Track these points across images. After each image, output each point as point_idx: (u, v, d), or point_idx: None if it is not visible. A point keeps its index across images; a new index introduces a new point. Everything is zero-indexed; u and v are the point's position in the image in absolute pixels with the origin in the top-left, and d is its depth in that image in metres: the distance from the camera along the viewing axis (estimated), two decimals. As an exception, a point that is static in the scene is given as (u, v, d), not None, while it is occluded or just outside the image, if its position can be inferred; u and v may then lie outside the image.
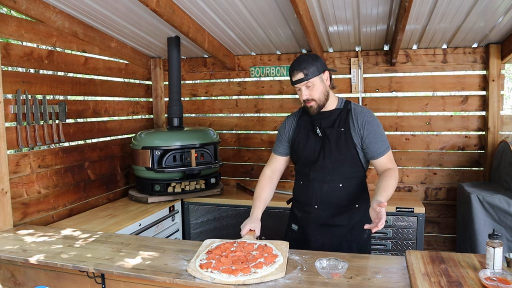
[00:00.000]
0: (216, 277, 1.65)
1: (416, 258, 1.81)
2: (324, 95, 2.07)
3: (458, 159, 3.68)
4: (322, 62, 2.05)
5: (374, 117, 2.11)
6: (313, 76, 2.00)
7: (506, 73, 3.74)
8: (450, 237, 3.73)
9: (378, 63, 3.76)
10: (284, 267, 1.73)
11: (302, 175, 2.23)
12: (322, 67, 2.04)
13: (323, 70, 2.05)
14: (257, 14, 3.00)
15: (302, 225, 2.23)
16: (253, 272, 1.67)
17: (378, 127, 2.08)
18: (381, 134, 2.08)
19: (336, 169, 2.11)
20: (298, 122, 2.24)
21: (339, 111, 2.12)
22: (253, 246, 1.92)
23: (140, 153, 3.40)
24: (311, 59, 2.02)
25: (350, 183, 2.14)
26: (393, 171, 2.04)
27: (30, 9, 2.66)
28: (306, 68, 2.00)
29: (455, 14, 2.83)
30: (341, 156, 2.09)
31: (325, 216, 2.14)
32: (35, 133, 2.79)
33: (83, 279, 1.98)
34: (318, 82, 2.03)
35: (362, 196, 2.19)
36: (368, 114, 2.09)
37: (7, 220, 2.49)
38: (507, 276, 1.54)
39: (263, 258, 1.78)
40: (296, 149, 2.23)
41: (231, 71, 4.13)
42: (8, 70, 2.74)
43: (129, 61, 3.92)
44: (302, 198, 2.24)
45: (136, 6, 2.82)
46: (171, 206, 3.44)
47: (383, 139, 2.08)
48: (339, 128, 2.09)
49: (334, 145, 2.09)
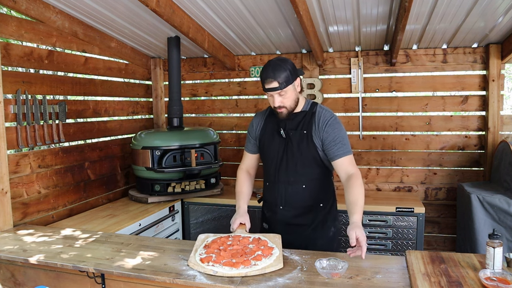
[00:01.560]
0: (218, 270, 1.70)
1: (416, 258, 1.81)
2: (295, 102, 2.08)
3: (458, 159, 3.68)
4: (295, 68, 2.03)
5: (336, 120, 2.10)
6: (286, 86, 1.99)
7: (506, 73, 3.74)
8: (450, 237, 3.73)
9: (378, 63, 3.76)
10: (281, 258, 1.80)
11: (268, 175, 2.28)
12: (294, 74, 2.02)
13: (296, 77, 2.04)
14: (257, 14, 3.00)
15: (270, 224, 2.30)
16: (253, 265, 1.73)
17: (340, 131, 2.07)
18: (341, 137, 2.06)
19: (299, 171, 2.13)
20: (265, 121, 2.26)
21: (304, 114, 2.14)
22: (248, 239, 1.99)
23: (140, 153, 3.40)
24: (285, 66, 1.98)
25: (314, 184, 2.16)
26: (355, 178, 1.99)
27: (30, 9, 2.66)
28: (281, 77, 1.96)
29: (455, 14, 2.83)
30: (302, 158, 2.11)
31: (290, 216, 2.19)
32: (35, 133, 2.79)
33: (83, 279, 1.98)
34: (291, 90, 2.03)
35: (327, 196, 2.23)
36: (330, 117, 2.09)
37: (7, 220, 2.49)
38: (507, 276, 1.54)
39: (261, 251, 1.85)
40: (261, 148, 2.28)
41: (231, 71, 4.13)
42: (8, 70, 2.74)
43: (129, 61, 3.92)
44: (269, 199, 2.29)
45: (136, 6, 2.82)
46: (171, 206, 3.44)
47: (344, 142, 2.06)
48: (302, 131, 2.10)
49: (296, 147, 2.11)
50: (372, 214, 3.26)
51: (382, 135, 3.83)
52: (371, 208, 3.26)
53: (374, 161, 3.84)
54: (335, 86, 3.88)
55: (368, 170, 3.87)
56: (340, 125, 2.10)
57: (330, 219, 2.21)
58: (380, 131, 3.83)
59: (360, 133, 3.82)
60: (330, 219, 2.21)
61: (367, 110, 3.82)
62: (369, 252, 3.24)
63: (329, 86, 3.90)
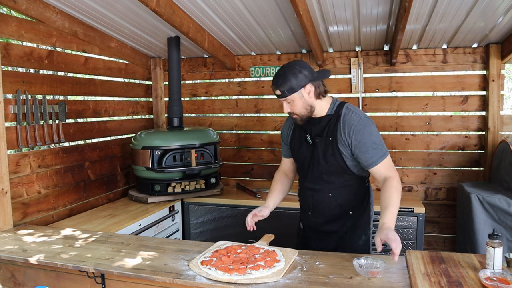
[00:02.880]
0: (211, 273, 1.70)
1: (416, 258, 1.81)
2: (306, 110, 1.97)
3: (458, 159, 3.68)
4: (304, 75, 1.90)
5: (364, 124, 1.93)
6: (289, 94, 1.91)
7: (506, 73, 3.74)
8: (450, 237, 3.73)
9: (378, 63, 3.75)
10: (282, 273, 1.71)
11: (299, 180, 2.26)
12: (301, 82, 1.90)
13: (304, 85, 1.91)
14: (257, 14, 3.00)
15: (304, 226, 2.28)
16: (248, 273, 1.69)
17: (370, 134, 1.92)
18: (372, 142, 1.91)
19: (325, 179, 2.06)
20: (294, 126, 2.20)
21: (329, 118, 2.00)
22: (259, 250, 1.95)
23: (140, 153, 3.40)
24: (290, 75, 1.90)
25: (341, 192, 2.07)
26: (391, 181, 1.89)
27: (30, 9, 2.66)
28: (282, 86, 1.90)
29: (455, 14, 2.83)
30: (327, 167, 2.02)
31: (318, 223, 2.16)
32: (35, 133, 2.79)
33: (83, 279, 1.98)
34: (297, 98, 1.93)
35: (358, 203, 2.12)
36: (358, 122, 1.93)
37: (7, 220, 2.49)
38: (507, 276, 1.54)
39: (263, 262, 1.79)
40: (293, 154, 2.24)
41: (231, 71, 4.13)
42: (8, 70, 2.74)
43: (129, 61, 3.92)
44: (301, 203, 2.28)
45: (136, 6, 2.82)
46: (171, 206, 3.44)
47: (375, 147, 1.91)
48: (327, 137, 1.99)
49: (322, 155, 2.02)
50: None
51: (382, 135, 3.79)
52: (371, 208, 3.26)
53: (374, 161, 3.84)
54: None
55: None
56: (370, 127, 1.93)
57: (361, 226, 2.09)
58: (380, 131, 3.80)
59: (360, 133, 3.82)
60: (361, 227, 2.09)
61: (367, 110, 3.82)
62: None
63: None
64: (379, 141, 1.95)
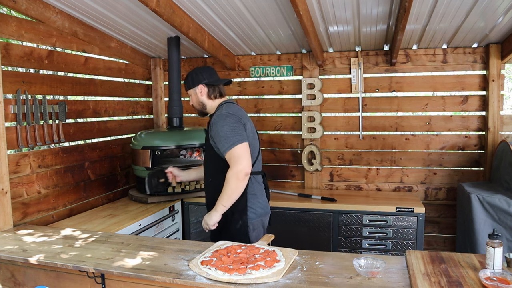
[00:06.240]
0: (211, 273, 1.71)
1: (416, 258, 1.81)
2: (199, 105, 2.44)
3: (458, 159, 3.68)
4: (201, 77, 2.38)
5: (219, 119, 2.24)
6: (188, 89, 2.45)
7: (506, 73, 3.73)
8: (450, 237, 3.73)
9: (378, 63, 3.76)
10: (282, 273, 1.71)
11: None
12: (196, 82, 2.38)
13: (197, 84, 2.39)
14: (257, 14, 3.00)
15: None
16: (248, 273, 1.69)
17: (221, 126, 2.21)
18: (222, 135, 2.20)
19: (206, 166, 2.45)
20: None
21: (212, 115, 2.39)
22: (259, 250, 1.95)
23: (140, 153, 3.40)
24: (190, 75, 2.41)
25: (218, 178, 2.27)
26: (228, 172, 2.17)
27: (30, 9, 2.66)
28: (185, 82, 2.44)
29: (455, 14, 2.83)
30: (207, 155, 2.42)
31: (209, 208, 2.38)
32: (35, 133, 2.79)
33: (83, 279, 1.98)
34: (193, 94, 2.43)
35: None
36: (217, 116, 2.28)
37: (7, 220, 2.49)
38: (507, 276, 1.54)
39: (264, 262, 1.79)
40: None
41: (231, 71, 4.13)
42: (8, 70, 2.74)
43: (129, 61, 3.92)
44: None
45: (136, 6, 2.82)
46: (171, 206, 3.44)
47: (225, 139, 2.19)
48: (208, 130, 2.37)
49: (207, 145, 2.38)
50: (372, 214, 3.26)
51: (382, 135, 3.83)
52: (371, 208, 3.26)
53: (374, 161, 3.84)
54: (335, 86, 3.88)
55: (368, 170, 3.87)
56: (224, 120, 2.22)
57: (237, 212, 2.32)
58: (380, 131, 3.83)
59: (360, 133, 3.82)
60: (237, 212, 2.32)
61: (367, 110, 3.82)
62: (369, 252, 3.26)
63: (329, 86, 3.90)
64: (227, 135, 2.20)
